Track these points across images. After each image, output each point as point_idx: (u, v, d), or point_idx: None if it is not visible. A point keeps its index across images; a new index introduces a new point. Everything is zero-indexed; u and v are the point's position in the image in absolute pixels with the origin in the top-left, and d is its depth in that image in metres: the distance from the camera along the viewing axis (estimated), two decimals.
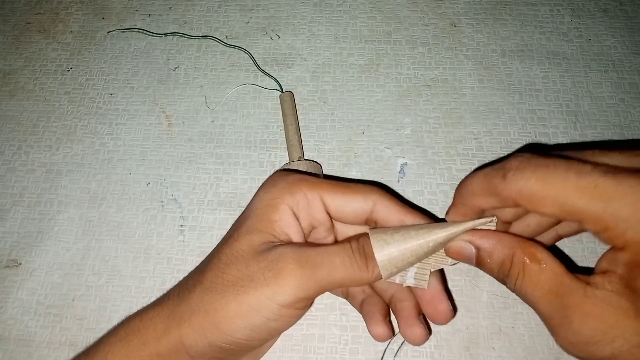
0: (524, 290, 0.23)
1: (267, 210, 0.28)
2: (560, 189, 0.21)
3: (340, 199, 0.28)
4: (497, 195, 0.24)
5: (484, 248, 0.25)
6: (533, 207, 0.22)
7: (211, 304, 0.25)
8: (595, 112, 0.44)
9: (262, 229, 0.27)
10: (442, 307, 0.28)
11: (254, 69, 0.47)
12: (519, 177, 0.22)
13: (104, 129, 0.44)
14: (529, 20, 0.49)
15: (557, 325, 0.22)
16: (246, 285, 0.25)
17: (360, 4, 0.51)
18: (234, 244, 0.27)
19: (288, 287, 0.25)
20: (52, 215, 0.40)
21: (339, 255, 0.26)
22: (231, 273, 0.26)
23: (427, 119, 0.44)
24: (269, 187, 0.29)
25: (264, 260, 0.26)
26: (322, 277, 0.25)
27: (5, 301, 0.37)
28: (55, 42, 0.49)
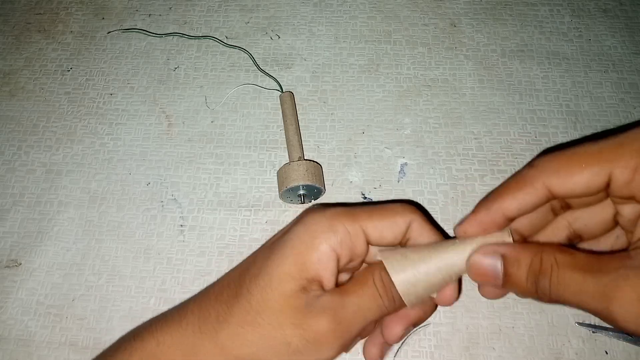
0: (563, 283, 0.22)
1: (305, 252, 0.26)
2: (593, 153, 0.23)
3: (382, 225, 0.27)
4: (527, 184, 0.24)
5: (509, 255, 0.24)
6: (565, 178, 0.23)
7: (246, 353, 0.25)
8: (595, 112, 0.44)
9: (296, 275, 0.26)
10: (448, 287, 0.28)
11: (254, 69, 0.47)
12: (547, 160, 0.24)
13: (104, 129, 0.44)
14: (529, 20, 0.49)
15: (610, 306, 0.21)
16: (283, 349, 0.25)
17: (360, 4, 0.51)
18: (266, 290, 0.26)
19: (326, 353, 0.25)
20: (52, 215, 0.41)
21: (368, 306, 0.26)
22: (264, 326, 0.25)
23: (427, 119, 0.44)
24: (308, 224, 0.27)
25: (300, 327, 0.25)
26: (356, 331, 0.26)
27: (5, 301, 0.37)
28: (55, 42, 0.49)
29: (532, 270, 0.23)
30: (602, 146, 0.23)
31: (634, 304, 0.20)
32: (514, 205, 0.25)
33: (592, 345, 0.35)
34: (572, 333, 0.35)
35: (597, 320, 0.36)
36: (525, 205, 0.25)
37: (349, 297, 0.26)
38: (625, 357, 0.35)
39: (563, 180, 0.24)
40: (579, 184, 0.23)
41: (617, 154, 0.23)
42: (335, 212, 0.27)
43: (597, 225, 0.27)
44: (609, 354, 0.35)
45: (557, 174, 0.24)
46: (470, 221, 0.26)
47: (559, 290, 0.22)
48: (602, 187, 0.23)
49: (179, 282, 0.38)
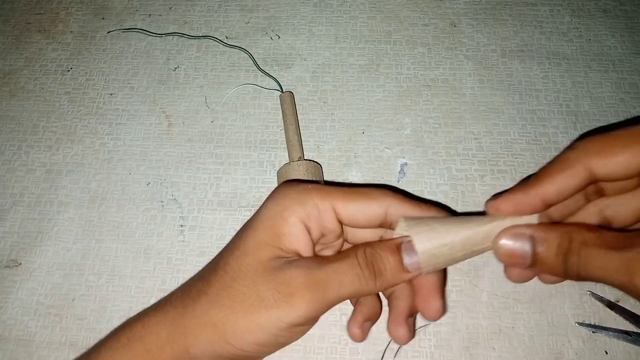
0: (590, 260, 0.22)
1: (276, 223, 0.27)
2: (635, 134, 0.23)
3: (353, 206, 0.27)
4: (567, 167, 0.24)
5: (538, 236, 0.24)
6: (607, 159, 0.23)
7: (219, 318, 0.25)
8: (595, 112, 0.44)
9: (270, 243, 0.27)
10: (434, 304, 0.28)
11: (254, 69, 0.47)
12: (588, 141, 0.24)
13: (104, 129, 0.44)
14: (529, 20, 0.49)
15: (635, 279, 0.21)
16: (256, 304, 0.25)
17: (360, 4, 0.51)
18: (241, 258, 0.27)
19: (299, 309, 0.25)
20: (52, 215, 0.41)
21: (347, 274, 0.26)
22: (239, 289, 0.26)
23: (427, 119, 0.44)
24: (278, 197, 0.28)
25: (273, 280, 0.25)
26: (331, 297, 0.26)
27: (5, 301, 0.37)
28: (55, 42, 0.49)
29: (561, 248, 0.24)
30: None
31: None
32: (553, 189, 0.25)
33: (592, 345, 0.35)
34: (572, 333, 0.35)
35: (597, 320, 0.36)
36: (565, 189, 0.25)
37: (327, 262, 0.26)
38: (625, 357, 0.35)
39: (605, 161, 0.23)
40: (621, 164, 0.23)
41: None
42: (306, 187, 0.28)
43: (627, 213, 0.27)
44: (609, 354, 0.35)
45: (598, 154, 0.24)
46: (505, 199, 0.26)
47: (587, 266, 0.23)
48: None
49: (179, 282, 0.38)
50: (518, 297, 0.37)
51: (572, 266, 0.23)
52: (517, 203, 0.25)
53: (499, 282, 0.37)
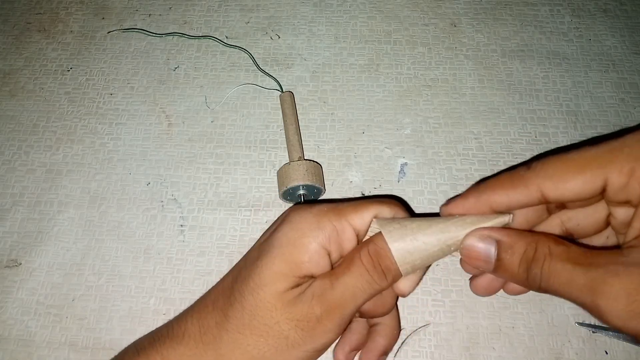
0: (553, 273, 0.22)
1: (294, 251, 0.26)
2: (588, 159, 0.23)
3: (368, 216, 0.27)
4: (521, 184, 0.24)
5: (504, 241, 0.24)
6: (559, 184, 0.23)
7: (248, 356, 0.26)
8: (595, 112, 0.44)
9: (287, 273, 0.26)
10: None
11: (254, 69, 0.47)
12: (543, 163, 0.24)
13: (104, 129, 0.44)
14: (529, 20, 0.49)
15: (597, 300, 0.21)
16: (282, 343, 0.25)
17: (360, 4, 0.51)
18: (258, 292, 0.26)
19: (324, 338, 0.26)
20: (52, 215, 0.41)
21: (358, 285, 0.26)
22: (259, 327, 0.25)
23: (427, 119, 0.44)
24: (295, 222, 0.27)
25: (294, 318, 0.25)
26: (350, 312, 0.26)
27: (5, 301, 0.37)
28: (55, 42, 0.49)
29: (525, 257, 0.24)
30: (597, 151, 0.23)
31: (621, 300, 0.20)
32: (504, 201, 0.25)
33: (592, 345, 0.35)
34: (572, 333, 0.35)
35: (597, 320, 0.36)
36: (514, 203, 0.25)
37: (337, 278, 0.26)
38: (625, 357, 0.35)
39: (557, 185, 0.24)
40: (572, 190, 0.24)
41: (611, 159, 0.23)
42: (321, 209, 0.27)
43: (589, 226, 0.27)
44: (609, 354, 0.35)
45: (551, 178, 0.24)
46: (457, 204, 0.26)
47: (549, 280, 0.23)
48: (597, 192, 0.23)
49: (179, 282, 0.38)
50: (518, 297, 0.37)
51: (535, 276, 0.23)
52: (467, 209, 0.26)
53: None
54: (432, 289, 0.37)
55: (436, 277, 0.37)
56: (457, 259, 0.27)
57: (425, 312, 0.36)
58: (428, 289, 0.37)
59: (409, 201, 0.40)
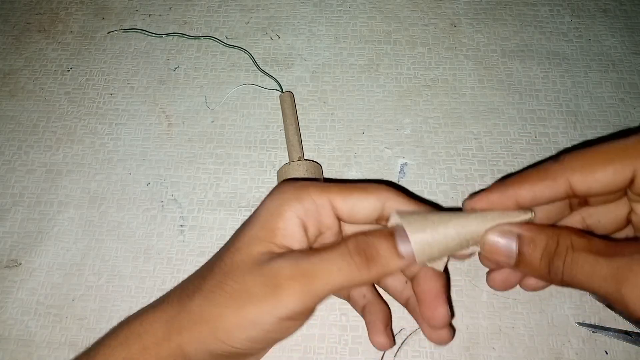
0: (576, 265, 0.22)
1: (271, 218, 0.27)
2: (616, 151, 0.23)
3: (351, 200, 0.27)
4: (548, 178, 0.24)
5: (525, 235, 0.24)
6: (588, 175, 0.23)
7: (211, 314, 0.25)
8: (595, 112, 0.44)
9: (263, 238, 0.26)
10: (440, 310, 0.27)
11: (254, 69, 0.47)
12: (573, 156, 0.24)
13: (104, 129, 0.44)
14: (529, 20, 0.49)
15: (622, 289, 0.20)
16: (244, 299, 0.25)
17: (360, 4, 0.51)
18: (235, 254, 0.27)
19: (286, 302, 0.25)
20: (52, 215, 0.41)
21: (336, 263, 0.25)
22: (229, 284, 0.26)
23: (427, 119, 0.44)
24: (275, 194, 0.28)
25: (262, 274, 0.25)
26: (319, 287, 0.25)
27: (5, 301, 0.37)
28: (55, 42, 0.49)
29: (547, 251, 0.23)
30: (625, 143, 0.24)
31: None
32: (529, 195, 0.25)
33: (592, 345, 0.35)
34: (572, 333, 0.35)
35: (597, 320, 0.36)
36: (540, 197, 0.25)
37: (316, 252, 0.26)
38: (625, 357, 0.35)
39: (586, 177, 0.24)
40: (601, 182, 0.23)
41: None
42: (304, 183, 0.28)
43: (610, 223, 0.27)
44: (609, 354, 0.35)
45: (580, 170, 0.24)
46: (481, 198, 0.26)
47: (572, 272, 0.22)
48: (624, 184, 0.23)
49: (179, 282, 0.38)
50: (518, 297, 0.37)
51: (557, 270, 0.23)
52: (492, 203, 0.26)
53: None
54: None
55: None
56: (475, 253, 0.26)
57: None
58: None
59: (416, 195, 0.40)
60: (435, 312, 0.27)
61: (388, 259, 0.25)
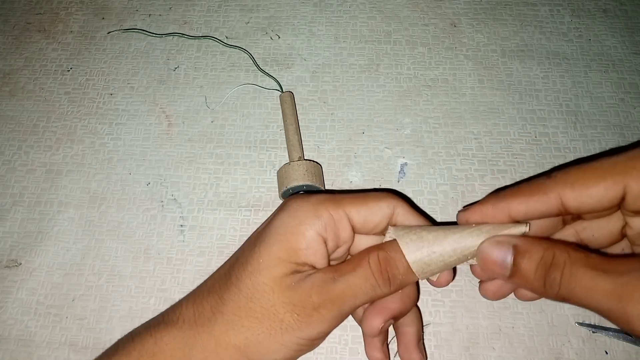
0: (575, 279, 0.22)
1: (292, 238, 0.26)
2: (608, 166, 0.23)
3: (366, 211, 0.27)
4: (540, 192, 0.24)
5: (521, 247, 0.24)
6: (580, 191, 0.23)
7: (241, 340, 0.25)
8: (595, 112, 0.44)
9: (285, 259, 0.26)
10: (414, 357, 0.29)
11: (254, 69, 0.47)
12: (565, 172, 0.24)
13: (104, 129, 0.44)
14: (529, 20, 0.49)
15: (626, 307, 0.20)
16: (276, 326, 0.25)
17: (360, 4, 0.51)
18: (255, 274, 0.26)
19: (321, 328, 0.26)
20: (52, 215, 0.41)
21: (361, 285, 0.26)
22: (256, 310, 0.26)
23: (427, 119, 0.44)
24: (292, 210, 0.27)
25: (291, 302, 0.25)
26: (348, 309, 0.26)
27: (5, 301, 0.37)
28: (56, 42, 0.49)
29: (542, 263, 0.23)
30: (617, 159, 0.24)
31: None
32: (522, 209, 0.25)
33: (592, 345, 0.35)
34: (572, 333, 0.35)
35: (597, 320, 0.36)
36: (533, 211, 0.25)
37: (341, 274, 0.26)
38: (625, 357, 0.35)
39: (577, 193, 0.24)
40: (593, 197, 0.23)
41: (632, 165, 0.23)
42: (319, 198, 0.28)
43: (604, 237, 0.27)
44: (609, 354, 0.35)
45: (572, 186, 0.24)
46: (474, 211, 0.26)
47: (570, 285, 0.22)
48: (616, 200, 0.23)
49: (179, 282, 0.38)
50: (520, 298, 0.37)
51: (553, 282, 0.23)
52: (485, 215, 0.26)
53: None
54: (432, 289, 0.37)
55: None
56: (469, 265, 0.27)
57: (425, 312, 0.36)
58: (428, 289, 0.37)
59: (408, 201, 0.40)
60: (370, 318, 0.28)
61: (406, 276, 0.26)
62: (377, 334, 0.28)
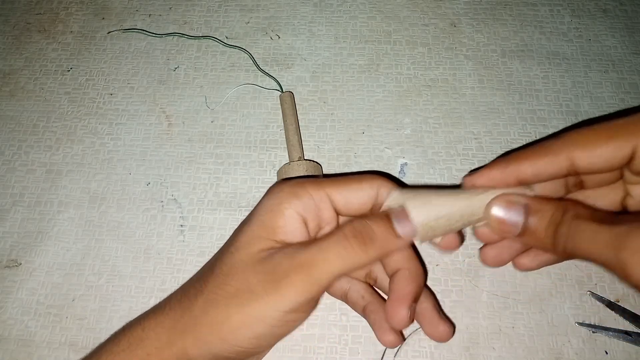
0: (579, 232, 0.22)
1: (271, 216, 0.27)
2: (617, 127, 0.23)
3: (347, 191, 0.28)
4: (550, 153, 0.24)
5: (533, 205, 0.24)
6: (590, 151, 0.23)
7: (215, 316, 0.25)
8: (595, 112, 0.44)
9: (263, 236, 0.27)
10: (400, 311, 0.27)
11: (254, 69, 0.47)
12: (574, 133, 0.24)
13: (104, 129, 0.44)
14: (529, 20, 0.49)
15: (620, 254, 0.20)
16: (247, 297, 0.25)
17: (360, 4, 0.51)
18: (235, 253, 0.27)
19: (289, 295, 0.25)
20: (52, 215, 0.41)
21: (333, 249, 0.25)
22: (232, 284, 0.26)
23: (427, 119, 0.44)
24: (274, 192, 0.28)
25: (262, 271, 0.25)
26: (320, 276, 0.25)
27: (5, 301, 0.37)
28: (56, 42, 0.49)
29: (552, 220, 0.23)
30: (626, 121, 0.24)
31: None
32: (531, 171, 0.25)
33: (592, 345, 0.35)
34: (572, 333, 0.35)
35: (597, 320, 0.36)
36: (542, 172, 0.25)
37: (313, 242, 0.26)
38: (625, 357, 0.35)
39: (588, 152, 0.24)
40: (603, 157, 0.24)
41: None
42: (300, 180, 0.28)
43: (605, 206, 0.27)
44: (609, 354, 0.35)
45: (582, 146, 0.24)
46: (481, 174, 0.26)
47: (574, 239, 0.22)
48: (625, 160, 0.23)
49: (179, 282, 0.38)
50: (518, 297, 0.37)
51: (561, 238, 0.23)
52: (492, 179, 0.26)
53: (499, 282, 0.37)
54: (432, 289, 0.37)
55: (436, 277, 0.37)
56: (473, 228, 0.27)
57: None
58: None
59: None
60: (395, 311, 0.27)
61: (386, 239, 0.26)
62: (407, 323, 0.27)
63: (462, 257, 0.38)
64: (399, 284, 0.28)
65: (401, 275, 0.28)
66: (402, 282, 0.27)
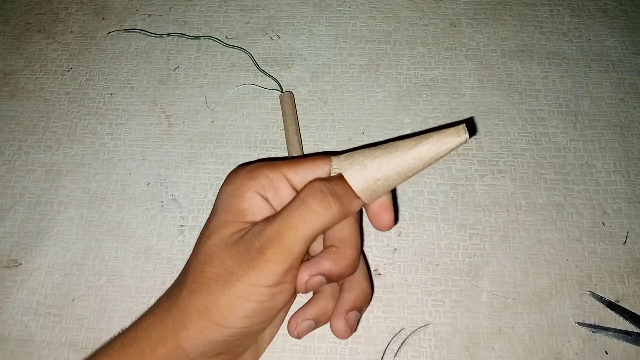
0: None
1: (233, 201, 0.28)
2: None
3: (303, 170, 0.29)
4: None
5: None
6: None
7: (201, 303, 0.26)
8: (595, 112, 0.44)
9: (231, 220, 0.27)
10: (387, 217, 0.29)
11: (254, 69, 0.47)
12: None
13: (104, 129, 0.44)
14: (529, 20, 0.49)
15: None
16: (227, 278, 0.26)
17: (360, 4, 0.51)
18: (207, 242, 0.27)
19: (267, 269, 0.25)
20: (52, 215, 0.41)
21: (295, 214, 0.26)
22: (210, 270, 0.26)
23: (427, 119, 0.44)
24: (230, 179, 0.29)
25: (236, 252, 0.26)
26: (291, 243, 0.26)
27: (5, 301, 0.37)
28: (56, 42, 0.49)
29: None
30: None
31: None
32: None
33: (592, 345, 0.35)
34: (572, 333, 0.35)
35: (597, 320, 0.36)
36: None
37: (276, 214, 0.27)
38: (625, 357, 0.35)
39: None
40: None
41: None
42: (255, 164, 0.29)
43: None
44: (609, 354, 0.35)
45: None
46: None
47: None
48: None
49: None
50: (518, 297, 0.37)
51: None
52: None
53: (499, 282, 0.37)
54: (432, 289, 0.37)
55: (436, 277, 0.37)
56: None
57: (425, 312, 0.36)
58: (428, 289, 0.37)
59: (408, 201, 0.41)
60: (383, 219, 0.29)
61: (347, 197, 0.27)
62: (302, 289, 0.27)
63: (462, 257, 0.38)
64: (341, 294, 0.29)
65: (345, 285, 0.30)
66: (344, 292, 0.29)
